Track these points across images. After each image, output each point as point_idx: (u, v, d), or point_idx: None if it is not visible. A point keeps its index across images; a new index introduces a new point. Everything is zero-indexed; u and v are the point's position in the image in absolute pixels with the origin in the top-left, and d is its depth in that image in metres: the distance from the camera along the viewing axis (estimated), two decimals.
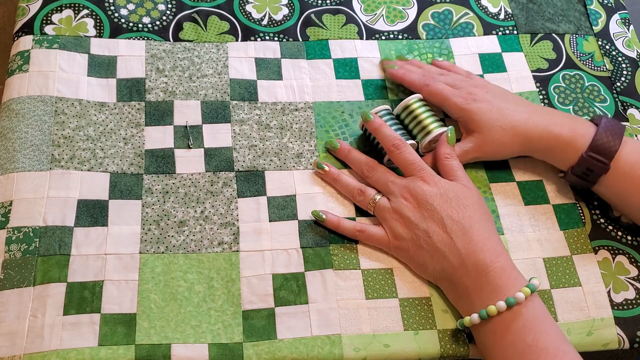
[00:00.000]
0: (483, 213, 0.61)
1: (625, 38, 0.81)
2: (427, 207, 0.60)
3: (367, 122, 0.66)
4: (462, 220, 0.59)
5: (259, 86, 0.72)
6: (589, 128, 0.64)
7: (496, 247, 0.58)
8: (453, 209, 0.60)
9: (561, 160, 0.66)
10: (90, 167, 0.64)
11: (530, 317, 0.54)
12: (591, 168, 0.63)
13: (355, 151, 0.67)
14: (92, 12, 0.74)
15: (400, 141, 0.64)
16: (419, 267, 0.61)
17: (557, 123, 0.65)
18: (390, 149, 0.64)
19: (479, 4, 0.82)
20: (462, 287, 0.57)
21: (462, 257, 0.57)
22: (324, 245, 0.63)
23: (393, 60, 0.75)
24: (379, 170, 0.65)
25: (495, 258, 0.57)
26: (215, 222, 0.63)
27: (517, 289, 0.55)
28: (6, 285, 0.57)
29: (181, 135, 0.68)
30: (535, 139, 0.65)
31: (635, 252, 0.66)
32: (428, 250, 0.59)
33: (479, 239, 0.58)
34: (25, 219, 0.60)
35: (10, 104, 0.66)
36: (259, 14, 0.77)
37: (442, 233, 0.59)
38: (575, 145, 0.63)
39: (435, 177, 0.62)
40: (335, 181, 0.66)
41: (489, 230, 0.59)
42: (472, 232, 0.58)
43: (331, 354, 0.57)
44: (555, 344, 0.53)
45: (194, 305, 0.59)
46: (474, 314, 0.56)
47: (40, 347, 0.54)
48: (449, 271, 0.58)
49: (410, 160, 0.64)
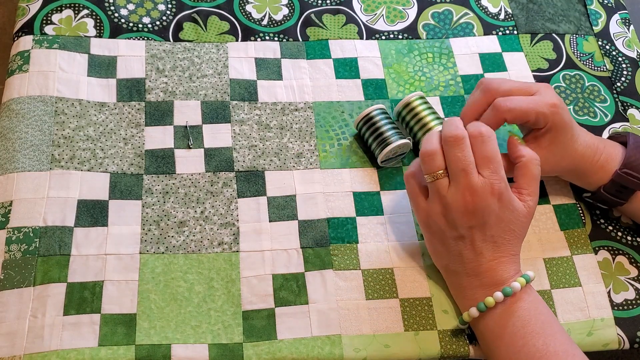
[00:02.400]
0: (521, 239, 0.58)
1: (625, 38, 0.81)
2: (479, 220, 0.56)
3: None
4: (500, 240, 0.57)
5: (259, 86, 0.72)
6: (617, 147, 0.64)
7: (515, 266, 0.58)
8: (500, 229, 0.57)
9: (591, 182, 0.64)
10: (90, 167, 0.64)
11: (527, 308, 0.55)
12: (625, 185, 0.62)
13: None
14: (92, 12, 0.74)
15: (488, 129, 0.57)
16: (435, 254, 0.61)
17: (597, 147, 0.63)
18: (475, 134, 0.57)
19: (479, 4, 0.82)
20: (470, 294, 0.58)
21: (479, 271, 0.57)
22: (324, 245, 0.63)
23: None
24: (465, 147, 0.56)
25: (509, 277, 0.57)
26: (215, 223, 0.63)
27: (514, 280, 0.56)
28: (6, 286, 0.57)
29: (181, 135, 0.68)
30: (579, 164, 0.63)
31: (635, 253, 0.66)
32: (451, 251, 0.58)
33: (503, 260, 0.57)
34: (25, 219, 0.60)
35: (10, 104, 0.66)
36: (259, 14, 0.77)
37: (475, 246, 0.57)
38: (607, 168, 0.63)
39: (504, 188, 0.56)
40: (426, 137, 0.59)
41: (516, 255, 0.58)
42: (502, 253, 0.57)
43: (331, 354, 0.57)
44: (564, 346, 0.53)
45: (194, 306, 0.59)
46: (472, 308, 0.56)
47: (40, 347, 0.54)
48: (461, 275, 0.58)
49: (491, 155, 0.56)
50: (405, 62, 0.76)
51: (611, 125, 0.74)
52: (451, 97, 0.74)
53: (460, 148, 0.56)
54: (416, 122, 0.68)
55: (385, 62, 0.76)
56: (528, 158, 0.58)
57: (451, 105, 0.74)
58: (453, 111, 0.73)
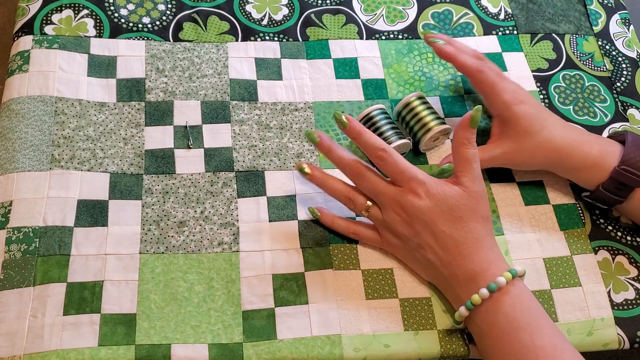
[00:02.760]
0: (478, 221, 0.58)
1: (625, 38, 0.81)
2: (419, 222, 0.58)
3: (344, 128, 0.60)
4: (454, 232, 0.57)
5: (259, 86, 0.72)
6: (616, 146, 0.64)
7: (488, 255, 0.57)
8: (446, 222, 0.57)
9: (588, 180, 0.64)
10: (90, 167, 0.64)
11: (512, 303, 0.54)
12: (624, 182, 0.62)
13: (338, 149, 0.61)
14: (92, 12, 0.74)
15: (384, 150, 0.59)
16: (417, 271, 0.62)
17: (587, 142, 0.64)
18: (376, 160, 0.59)
19: (479, 4, 0.82)
20: (456, 294, 0.58)
21: (452, 269, 0.57)
22: (324, 245, 0.63)
23: (436, 34, 0.70)
24: (366, 177, 0.60)
25: (486, 267, 0.56)
26: (215, 222, 0.63)
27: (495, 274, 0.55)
28: (6, 286, 0.57)
29: (181, 135, 0.68)
30: (565, 157, 0.64)
31: (635, 253, 0.66)
32: (420, 261, 0.60)
33: (469, 251, 0.57)
34: (25, 219, 0.60)
35: (10, 104, 0.66)
36: (259, 14, 0.77)
37: (434, 246, 0.58)
38: (603, 165, 0.63)
39: (428, 186, 0.58)
40: (322, 186, 0.62)
41: (481, 239, 0.57)
42: (463, 244, 0.57)
43: (331, 354, 0.57)
44: (552, 340, 0.53)
45: (194, 306, 0.59)
46: (461, 307, 0.56)
47: (40, 347, 0.54)
48: (440, 279, 0.59)
49: (398, 169, 0.58)
50: (405, 62, 0.76)
51: (611, 125, 0.74)
52: (451, 97, 0.75)
53: (365, 178, 0.59)
54: (416, 122, 0.68)
55: (385, 62, 0.76)
56: (455, 142, 0.59)
57: (451, 105, 0.74)
58: (453, 111, 0.73)
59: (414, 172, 0.58)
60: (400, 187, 0.59)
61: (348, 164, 0.60)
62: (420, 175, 0.58)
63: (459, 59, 0.67)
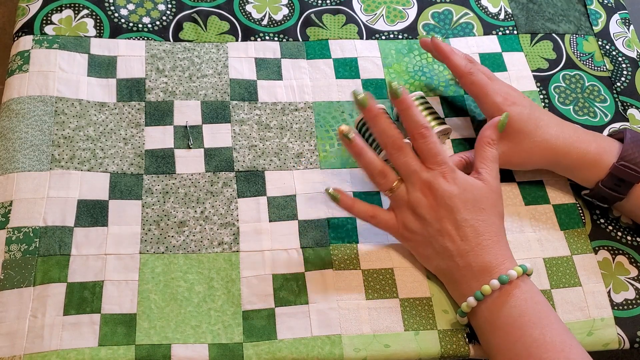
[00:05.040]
0: (497, 216, 0.59)
1: (625, 38, 0.81)
2: (444, 207, 0.58)
3: (395, 98, 0.60)
4: (476, 223, 0.58)
5: (259, 86, 0.72)
6: (614, 143, 0.64)
7: (504, 250, 0.58)
8: (469, 211, 0.58)
9: (587, 177, 0.65)
10: (90, 167, 0.64)
11: (523, 297, 0.55)
12: (623, 178, 0.62)
13: (385, 119, 0.61)
14: (92, 12, 0.74)
15: (427, 129, 0.60)
16: (423, 259, 0.61)
17: (584, 140, 0.64)
18: (416, 136, 0.60)
19: (479, 4, 0.82)
20: (466, 284, 0.58)
21: (468, 259, 0.57)
22: (324, 245, 0.63)
23: (432, 37, 0.71)
24: (405, 152, 0.60)
25: (502, 260, 0.57)
26: (215, 222, 0.63)
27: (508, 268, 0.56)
28: (6, 286, 0.57)
29: (181, 135, 0.68)
30: (561, 155, 0.64)
31: (635, 253, 0.66)
32: (436, 248, 0.59)
33: (488, 243, 0.58)
34: (25, 219, 0.60)
35: (10, 104, 0.66)
36: (259, 14, 0.77)
37: (454, 235, 0.58)
38: (602, 162, 0.63)
39: (456, 173, 0.59)
40: (359, 155, 0.61)
41: (499, 234, 0.59)
42: (483, 236, 0.58)
43: (331, 354, 0.57)
44: (561, 336, 0.53)
45: (194, 306, 0.59)
46: (470, 297, 0.56)
47: (40, 347, 0.54)
48: (453, 269, 0.58)
49: (435, 151, 0.59)
50: (405, 62, 0.76)
51: (611, 125, 0.74)
52: (451, 97, 0.75)
53: (403, 153, 0.60)
54: None
55: (385, 62, 0.76)
56: (479, 141, 0.63)
57: (451, 105, 0.74)
58: (453, 111, 0.73)
59: (447, 158, 0.60)
60: (431, 169, 0.59)
61: (392, 136, 0.60)
62: (451, 163, 0.60)
63: (452, 58, 0.68)
